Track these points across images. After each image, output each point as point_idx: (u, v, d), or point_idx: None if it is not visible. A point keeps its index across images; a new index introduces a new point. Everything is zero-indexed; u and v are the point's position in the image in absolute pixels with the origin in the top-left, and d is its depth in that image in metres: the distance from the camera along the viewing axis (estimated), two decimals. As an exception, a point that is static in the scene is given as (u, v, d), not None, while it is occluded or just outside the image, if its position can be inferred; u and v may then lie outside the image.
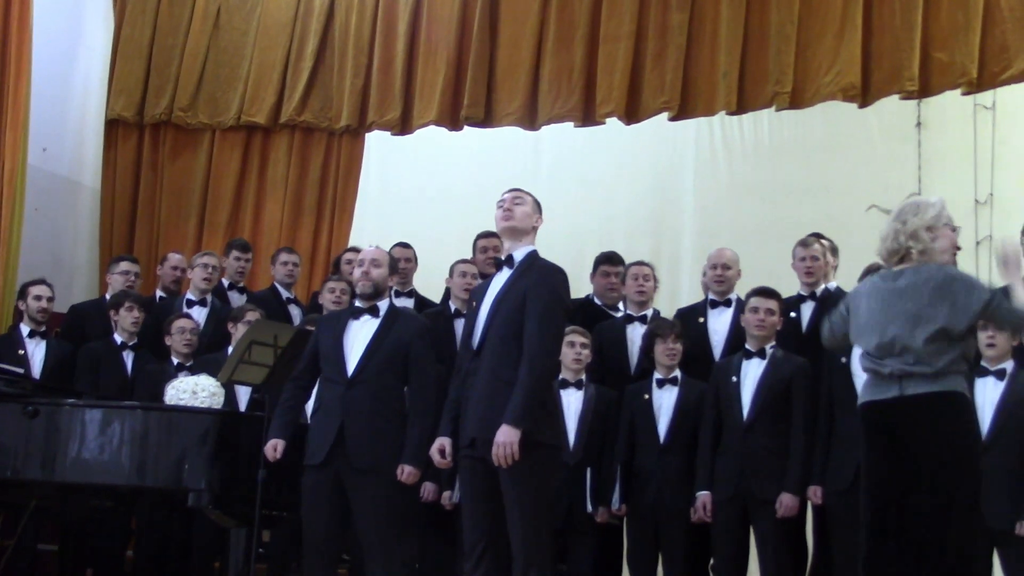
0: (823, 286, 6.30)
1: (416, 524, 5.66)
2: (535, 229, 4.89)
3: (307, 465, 5.33)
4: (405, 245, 7.37)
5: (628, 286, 6.60)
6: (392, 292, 6.64)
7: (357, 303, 5.54)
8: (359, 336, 5.43)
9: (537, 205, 4.91)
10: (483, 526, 4.69)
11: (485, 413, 4.62)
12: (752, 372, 5.75)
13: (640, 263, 6.67)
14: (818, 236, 6.45)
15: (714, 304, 6.44)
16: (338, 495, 5.30)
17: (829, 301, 6.12)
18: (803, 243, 6.39)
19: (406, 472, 5.23)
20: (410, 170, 9.55)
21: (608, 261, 6.89)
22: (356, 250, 7.50)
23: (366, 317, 5.47)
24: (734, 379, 5.75)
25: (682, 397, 5.92)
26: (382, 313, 5.49)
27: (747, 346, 5.84)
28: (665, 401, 5.94)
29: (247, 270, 7.86)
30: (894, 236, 4.49)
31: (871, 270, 5.77)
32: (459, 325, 6.02)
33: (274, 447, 5.33)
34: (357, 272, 5.53)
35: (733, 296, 6.41)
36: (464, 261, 6.89)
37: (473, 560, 4.70)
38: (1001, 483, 5.21)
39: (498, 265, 4.89)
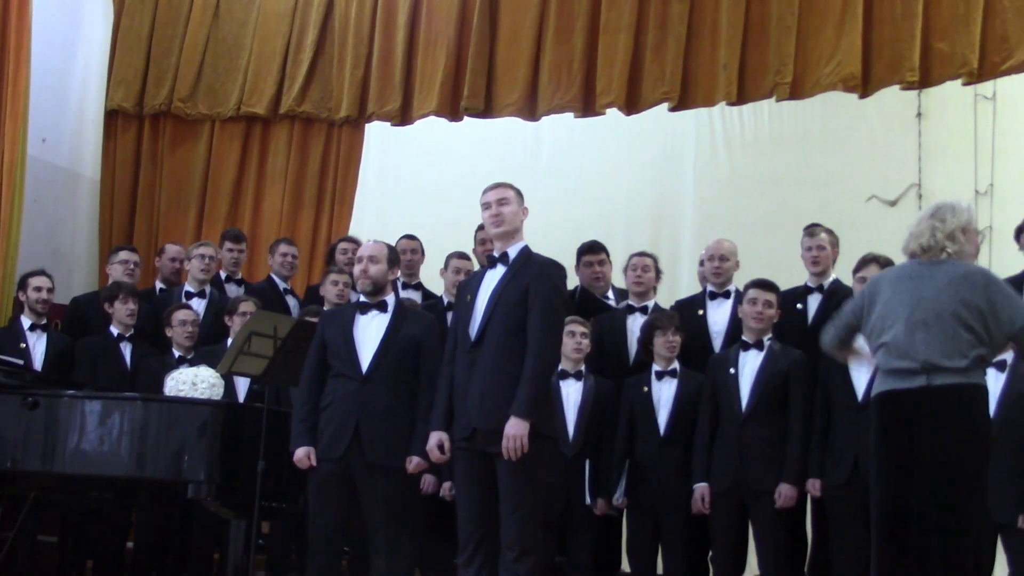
0: (831, 278, 6.28)
1: (418, 517, 5.67)
2: (522, 222, 4.93)
3: (319, 459, 5.30)
4: (411, 237, 7.38)
5: (628, 277, 6.59)
6: (399, 284, 6.64)
7: (362, 298, 5.51)
8: (369, 331, 5.41)
9: (520, 196, 4.94)
10: (478, 518, 4.73)
11: (490, 405, 4.66)
12: (750, 364, 5.76)
13: (641, 254, 6.66)
14: (819, 227, 6.45)
15: (713, 296, 6.43)
16: (347, 489, 5.31)
17: (836, 294, 6.13)
18: (809, 232, 6.38)
19: (414, 463, 5.24)
20: (410, 161, 9.56)
21: (589, 251, 6.83)
22: (351, 240, 7.53)
23: (374, 312, 5.45)
24: (732, 371, 5.76)
25: (681, 389, 5.92)
26: (390, 308, 5.47)
27: (744, 337, 5.85)
28: (664, 393, 5.94)
29: (241, 260, 7.84)
30: (931, 233, 4.47)
31: (867, 260, 5.77)
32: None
33: (307, 455, 5.30)
34: (356, 270, 5.52)
35: (732, 288, 6.40)
36: (458, 256, 6.90)
37: (468, 552, 4.72)
38: (1004, 475, 5.21)
39: (492, 262, 4.91)
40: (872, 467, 4.55)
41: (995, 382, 5.44)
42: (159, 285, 7.76)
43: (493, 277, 4.89)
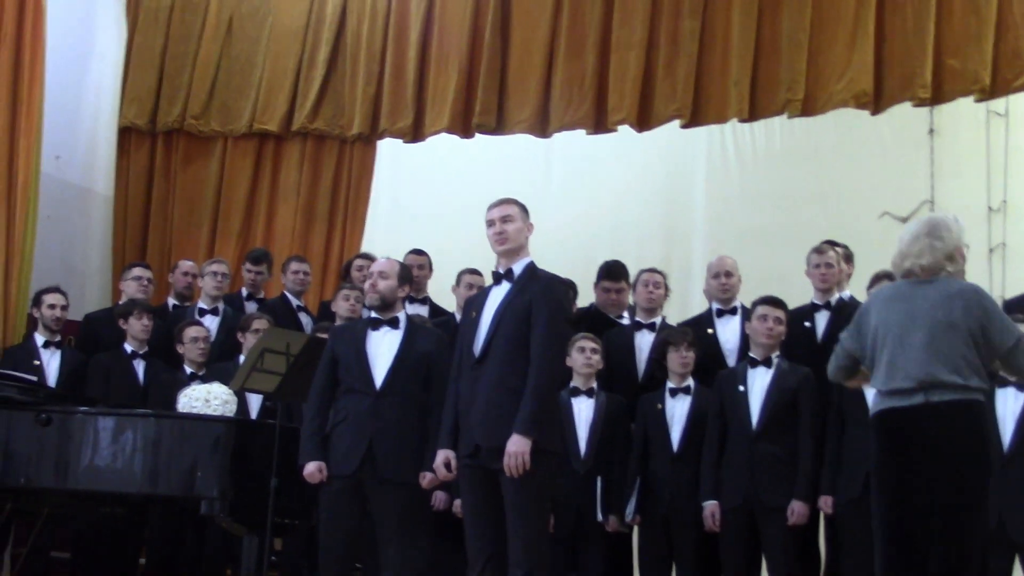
0: (837, 295, 6.27)
1: (429, 532, 5.67)
2: (527, 238, 4.92)
3: (332, 475, 5.30)
4: (419, 252, 7.41)
5: (638, 293, 6.58)
6: (406, 300, 6.65)
7: (373, 314, 5.52)
8: (382, 347, 5.41)
9: (525, 211, 4.93)
10: (487, 535, 4.72)
11: (493, 422, 4.66)
12: (760, 381, 5.73)
13: (651, 270, 6.64)
14: (832, 243, 6.43)
15: (720, 313, 6.42)
16: (359, 504, 5.31)
17: (844, 310, 6.12)
18: (818, 250, 6.35)
19: (427, 479, 5.24)
20: (422, 178, 9.57)
21: (609, 276, 6.81)
22: (366, 256, 7.55)
23: (386, 328, 5.45)
24: (741, 388, 5.74)
25: (695, 406, 5.90)
26: (402, 324, 5.48)
27: (752, 354, 5.83)
28: (678, 410, 5.93)
29: (259, 282, 7.85)
30: (930, 252, 4.43)
31: (880, 277, 5.75)
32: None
33: (319, 469, 5.28)
34: (366, 285, 5.54)
35: (737, 304, 6.40)
36: (470, 272, 6.89)
37: (477, 570, 4.72)
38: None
39: (497, 279, 4.92)
40: (873, 484, 4.52)
41: (1015, 402, 5.40)
42: (171, 301, 7.77)
43: (498, 294, 4.88)
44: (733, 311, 6.41)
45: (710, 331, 6.42)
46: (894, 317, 4.42)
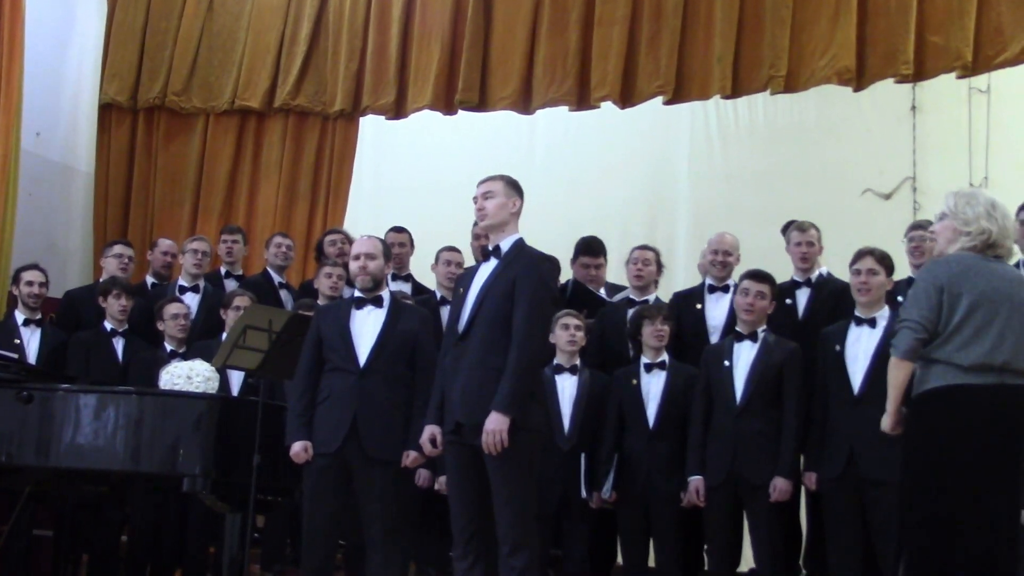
0: (817, 272, 6.28)
1: (414, 511, 5.67)
2: (515, 215, 4.89)
3: (316, 453, 5.31)
4: (400, 229, 7.40)
5: (629, 270, 6.59)
6: (389, 276, 6.65)
7: (358, 293, 5.52)
8: (366, 326, 5.43)
9: (512, 188, 4.89)
10: (471, 511, 4.73)
11: (473, 399, 4.65)
12: (745, 356, 5.71)
13: (643, 247, 6.65)
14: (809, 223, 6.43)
15: (712, 289, 6.41)
16: (343, 482, 5.32)
17: (824, 287, 6.13)
18: (800, 228, 6.36)
19: (411, 457, 5.26)
20: (404, 154, 9.55)
21: (587, 252, 6.84)
22: (339, 232, 7.54)
23: (370, 307, 5.46)
24: (726, 363, 5.72)
25: (670, 382, 5.89)
26: (386, 303, 5.49)
27: (738, 329, 5.82)
28: (653, 386, 5.91)
29: (235, 251, 7.81)
30: (998, 224, 4.36)
31: (863, 253, 5.70)
32: (445, 312, 6.02)
33: (305, 448, 5.31)
34: (354, 267, 5.52)
35: (731, 282, 6.38)
36: (448, 249, 6.90)
37: (462, 546, 4.72)
38: None
39: (485, 255, 4.92)
40: (910, 459, 4.36)
41: None
42: (150, 280, 7.75)
43: (486, 270, 4.88)
44: (726, 288, 6.37)
45: (699, 306, 6.41)
46: (978, 292, 4.30)
